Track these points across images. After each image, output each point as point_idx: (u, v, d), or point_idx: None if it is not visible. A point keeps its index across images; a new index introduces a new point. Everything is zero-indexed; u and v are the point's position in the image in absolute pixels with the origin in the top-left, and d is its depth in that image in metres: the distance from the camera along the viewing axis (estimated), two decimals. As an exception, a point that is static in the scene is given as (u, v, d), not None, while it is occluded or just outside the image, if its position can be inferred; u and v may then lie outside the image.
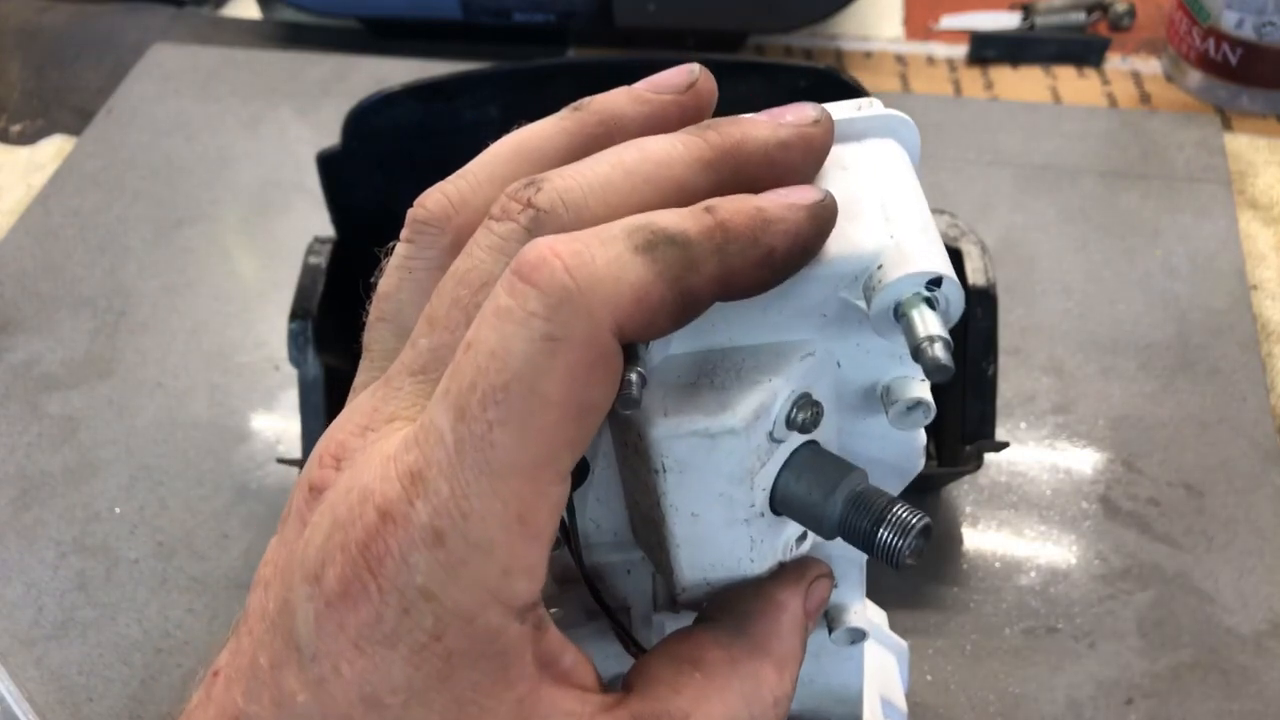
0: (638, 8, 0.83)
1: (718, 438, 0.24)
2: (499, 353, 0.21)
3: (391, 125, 0.58)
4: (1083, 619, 0.55)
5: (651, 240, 0.22)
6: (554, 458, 0.21)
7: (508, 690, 0.22)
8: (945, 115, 0.82)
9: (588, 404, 0.21)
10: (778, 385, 0.25)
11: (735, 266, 0.23)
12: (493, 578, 0.21)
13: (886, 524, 0.25)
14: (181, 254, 0.75)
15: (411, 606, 0.21)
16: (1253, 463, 0.60)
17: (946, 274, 0.23)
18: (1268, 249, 0.72)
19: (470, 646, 0.21)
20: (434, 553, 0.21)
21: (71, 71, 0.90)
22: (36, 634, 0.56)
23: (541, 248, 0.21)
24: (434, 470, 0.21)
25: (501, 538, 0.21)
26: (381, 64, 0.87)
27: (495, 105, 0.58)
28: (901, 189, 0.26)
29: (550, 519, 0.22)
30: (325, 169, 0.59)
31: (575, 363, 0.21)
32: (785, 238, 0.23)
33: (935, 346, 0.23)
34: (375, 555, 0.21)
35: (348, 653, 0.21)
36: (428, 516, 0.21)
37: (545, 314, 0.21)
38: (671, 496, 0.26)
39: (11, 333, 0.71)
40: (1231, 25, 0.78)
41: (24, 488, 0.63)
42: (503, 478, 0.21)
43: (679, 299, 0.22)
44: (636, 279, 0.21)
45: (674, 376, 0.25)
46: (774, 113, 0.25)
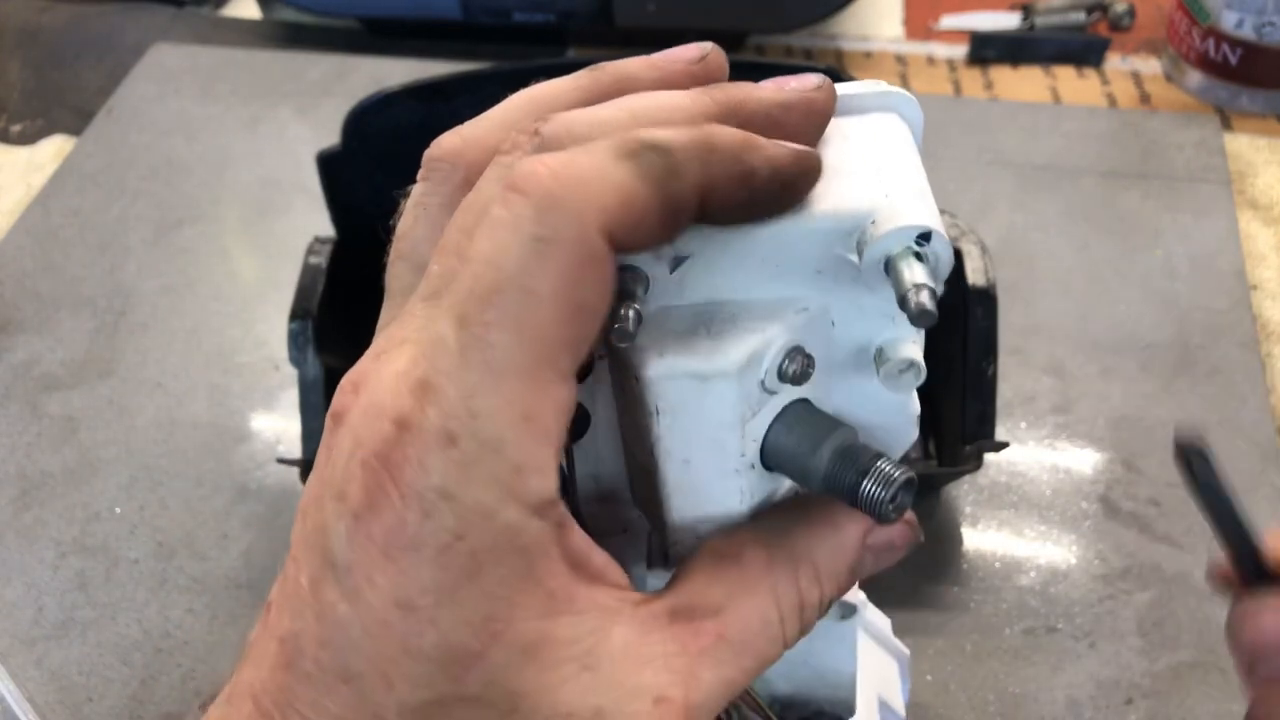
0: (638, 8, 0.83)
1: (710, 380, 0.25)
2: (493, 259, 0.22)
3: (391, 125, 0.58)
4: (1083, 619, 0.55)
5: (635, 148, 0.23)
6: (552, 357, 0.22)
7: (536, 586, 0.23)
8: (945, 115, 0.82)
9: (580, 303, 0.22)
10: (771, 335, 0.26)
11: (717, 178, 0.23)
12: (506, 474, 0.22)
13: (870, 476, 0.25)
14: (181, 254, 0.75)
15: (432, 509, 0.22)
16: (1253, 463, 0.60)
17: (936, 229, 0.24)
18: (1268, 249, 0.72)
19: (493, 543, 0.22)
20: (448, 454, 0.21)
21: (71, 71, 0.90)
22: (36, 634, 0.56)
23: (529, 161, 0.22)
24: (441, 377, 0.22)
25: (510, 435, 0.22)
26: (381, 64, 0.87)
27: (495, 105, 0.58)
28: (900, 156, 0.26)
29: (556, 419, 0.22)
30: (325, 169, 0.59)
31: (565, 262, 0.22)
32: (766, 163, 0.24)
33: (921, 294, 0.23)
34: (394, 464, 0.22)
35: (378, 561, 0.22)
36: (439, 420, 0.22)
37: (534, 217, 0.22)
38: (665, 441, 0.26)
39: (11, 333, 0.71)
40: (1231, 25, 0.78)
41: (24, 488, 0.63)
42: (504, 378, 0.22)
43: (664, 204, 0.23)
44: (621, 181, 0.22)
45: (672, 325, 0.26)
46: (778, 79, 0.26)
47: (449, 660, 0.22)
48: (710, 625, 0.25)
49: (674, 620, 0.25)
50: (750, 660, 0.25)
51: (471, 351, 0.22)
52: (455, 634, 0.22)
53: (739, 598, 0.26)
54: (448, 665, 0.22)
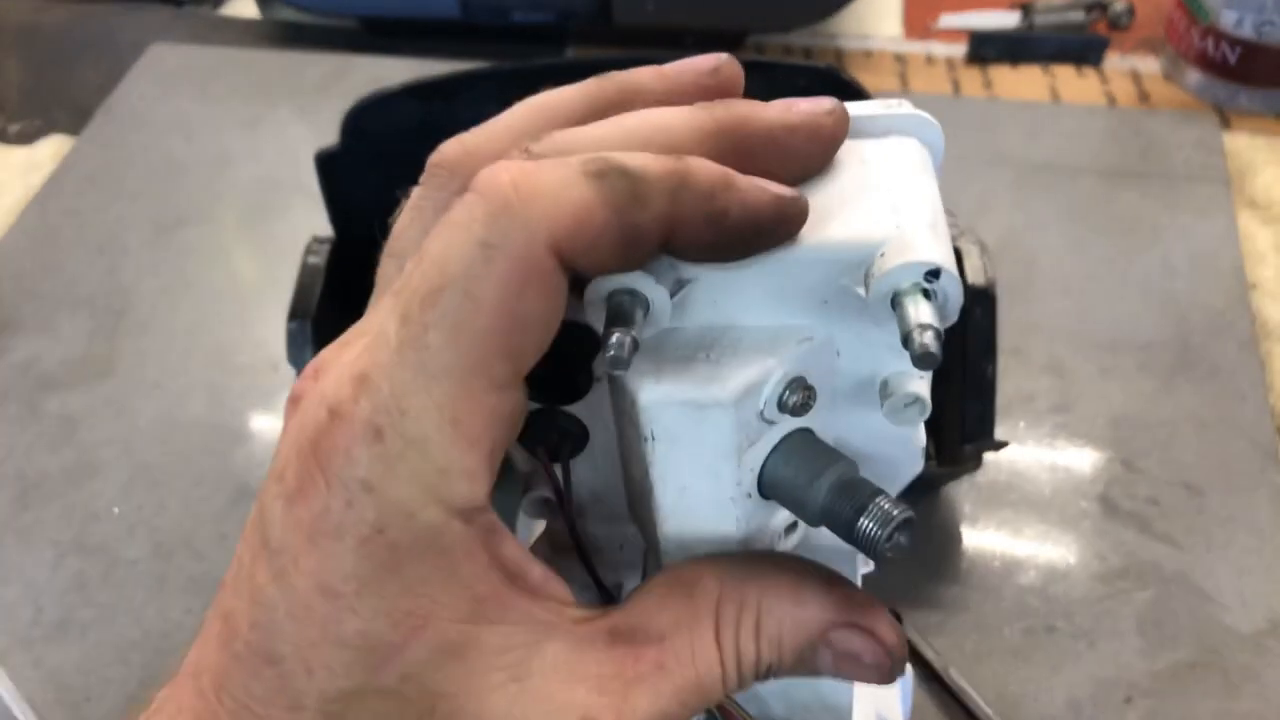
0: (637, 7, 0.83)
1: (706, 409, 0.25)
2: (439, 258, 0.22)
3: (390, 125, 0.58)
4: (1082, 618, 0.55)
5: (603, 169, 0.22)
6: (487, 364, 0.22)
7: (462, 589, 0.23)
8: (945, 115, 0.81)
9: (521, 315, 0.22)
10: (772, 365, 0.25)
11: (684, 215, 0.23)
12: (429, 474, 0.22)
13: (868, 513, 0.25)
14: (181, 254, 0.75)
15: (354, 499, 0.22)
16: (1252, 462, 0.60)
17: (946, 267, 0.23)
18: (1267, 248, 0.72)
19: (413, 540, 0.22)
20: (374, 448, 0.22)
21: (70, 71, 0.90)
22: (35, 634, 0.56)
23: (496, 166, 0.22)
24: (377, 371, 0.22)
25: (436, 436, 0.22)
26: (380, 64, 0.87)
27: (494, 105, 0.57)
28: (916, 184, 0.26)
29: (488, 427, 0.22)
30: (324, 169, 0.59)
31: (509, 271, 0.22)
32: (741, 208, 0.23)
33: (925, 334, 0.23)
34: (324, 451, 0.22)
35: (304, 545, 0.22)
36: (370, 413, 0.22)
37: (484, 221, 0.22)
38: (660, 467, 0.26)
39: (11, 333, 0.71)
40: (1230, 24, 0.78)
41: (23, 488, 0.63)
42: (436, 379, 0.22)
43: (622, 230, 0.22)
44: (579, 198, 0.22)
45: (672, 349, 0.25)
46: (789, 101, 0.26)
47: (367, 650, 0.22)
48: (651, 652, 0.24)
49: (614, 642, 0.24)
50: (690, 695, 0.24)
51: (408, 350, 0.22)
52: (374, 624, 0.22)
53: (683, 629, 0.25)
54: (366, 655, 0.22)
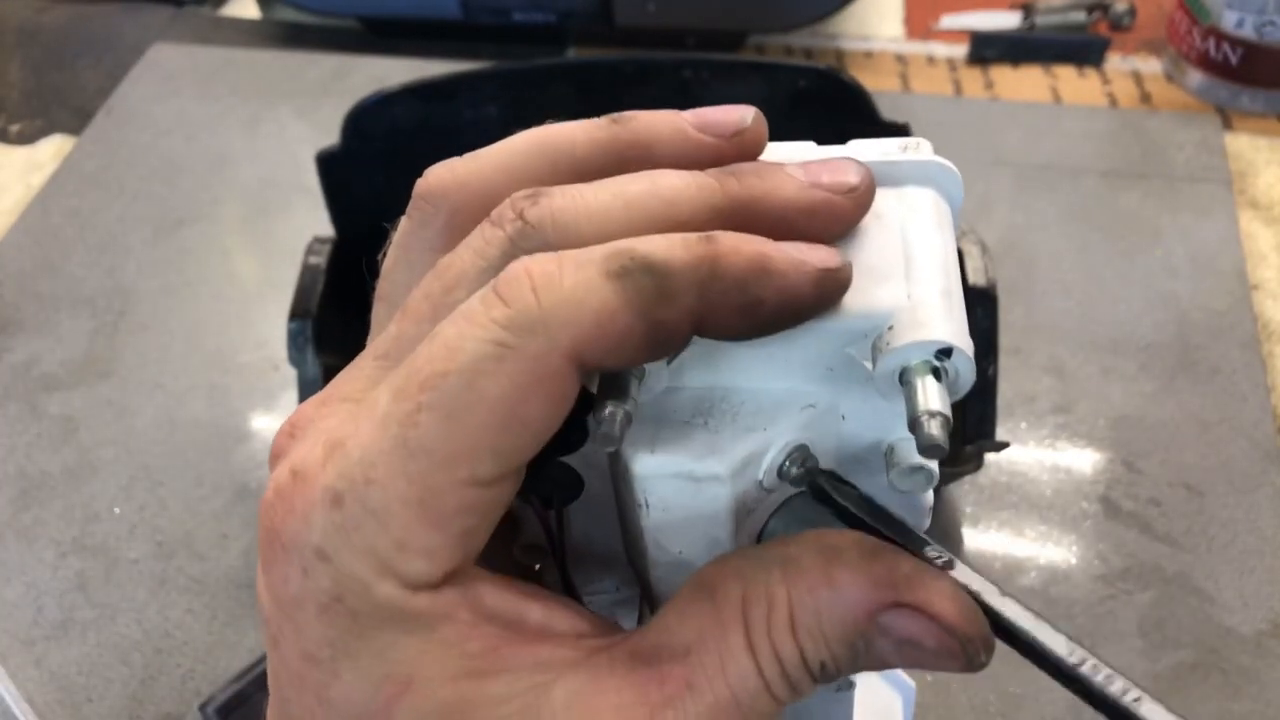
0: (638, 7, 0.83)
1: (702, 481, 0.24)
2: (451, 345, 0.21)
3: (391, 125, 0.58)
4: (1083, 619, 0.55)
5: (627, 267, 0.21)
6: (473, 456, 0.21)
7: (445, 648, 0.21)
8: (945, 115, 0.82)
9: (521, 417, 0.21)
10: (772, 435, 0.24)
11: (715, 306, 0.22)
12: (385, 548, 0.21)
13: None
14: (181, 254, 0.75)
15: (310, 567, 0.21)
16: (1253, 463, 0.60)
17: (958, 345, 0.22)
18: (1268, 248, 0.72)
19: (374, 609, 0.21)
20: (331, 514, 0.21)
21: (71, 71, 0.90)
22: (36, 634, 0.56)
23: (519, 266, 0.21)
24: (353, 439, 0.21)
25: (399, 511, 0.21)
26: (381, 64, 0.87)
27: (495, 105, 0.58)
28: (931, 246, 0.24)
29: (457, 514, 0.21)
30: (325, 169, 0.59)
31: (520, 372, 0.21)
32: (778, 294, 0.22)
33: (932, 423, 0.22)
34: (281, 515, 0.21)
35: (279, 615, 0.22)
36: (333, 478, 0.21)
37: (504, 323, 0.21)
38: (654, 533, 0.25)
39: (11, 333, 0.71)
40: (1232, 25, 0.78)
41: (24, 488, 0.63)
42: (414, 457, 0.21)
43: (649, 330, 0.21)
44: (600, 304, 0.21)
45: (670, 412, 0.24)
46: (812, 168, 0.24)
47: (355, 715, 0.21)
48: (678, 671, 0.22)
49: (635, 665, 0.22)
50: (727, 713, 0.22)
51: (393, 423, 0.21)
52: (356, 689, 0.21)
53: (709, 640, 0.22)
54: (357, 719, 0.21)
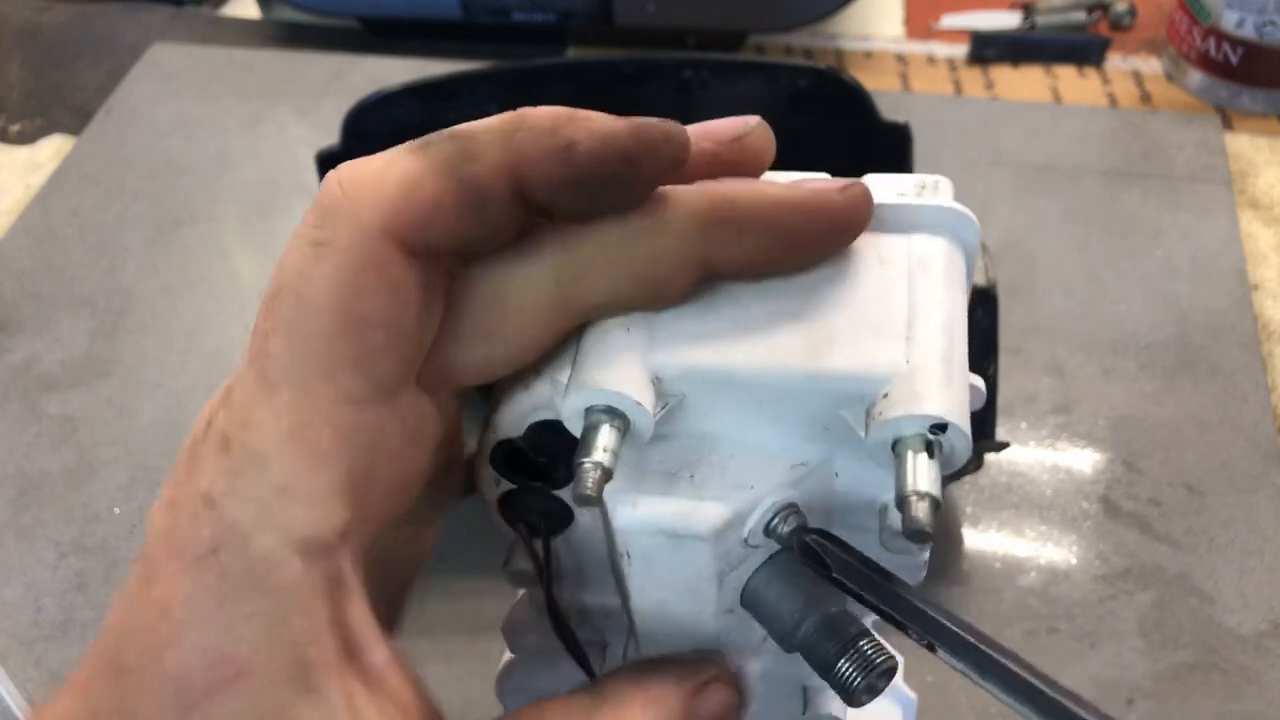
0: (637, 7, 0.83)
1: (683, 539, 0.23)
2: (279, 264, 0.21)
3: (391, 125, 0.58)
4: (1083, 619, 0.55)
5: (429, 140, 0.21)
6: (329, 371, 0.21)
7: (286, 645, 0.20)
8: (945, 115, 0.82)
9: (359, 313, 0.21)
10: (759, 494, 0.23)
11: (526, 155, 0.21)
12: (266, 493, 0.20)
13: (849, 656, 0.23)
14: (181, 254, 0.75)
15: (196, 513, 0.20)
16: (1253, 463, 0.60)
17: (954, 420, 0.22)
18: (1268, 249, 0.72)
19: (243, 570, 0.20)
20: (219, 459, 0.21)
21: (71, 71, 0.90)
22: (36, 634, 0.56)
23: (330, 171, 0.22)
24: (235, 380, 0.22)
25: (275, 451, 0.20)
26: (381, 64, 0.87)
27: (495, 105, 0.58)
28: (937, 305, 0.23)
29: (338, 445, 0.21)
30: (325, 169, 0.59)
31: (339, 266, 0.20)
32: (590, 135, 0.21)
33: (919, 506, 0.21)
34: (190, 460, 0.21)
35: (161, 556, 0.21)
36: (223, 424, 0.21)
37: (314, 223, 0.21)
38: (636, 581, 0.24)
39: (11, 333, 0.71)
40: (1232, 25, 0.78)
41: (23, 488, 0.63)
42: (275, 389, 0.21)
43: (460, 190, 0.21)
44: (403, 174, 0.21)
45: (655, 461, 0.23)
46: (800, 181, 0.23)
47: (182, 688, 0.20)
48: None
49: None
50: None
51: (254, 359, 0.21)
52: (191, 660, 0.20)
53: None
54: (178, 694, 0.20)
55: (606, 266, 0.22)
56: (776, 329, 0.23)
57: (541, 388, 0.23)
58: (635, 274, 0.22)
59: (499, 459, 0.25)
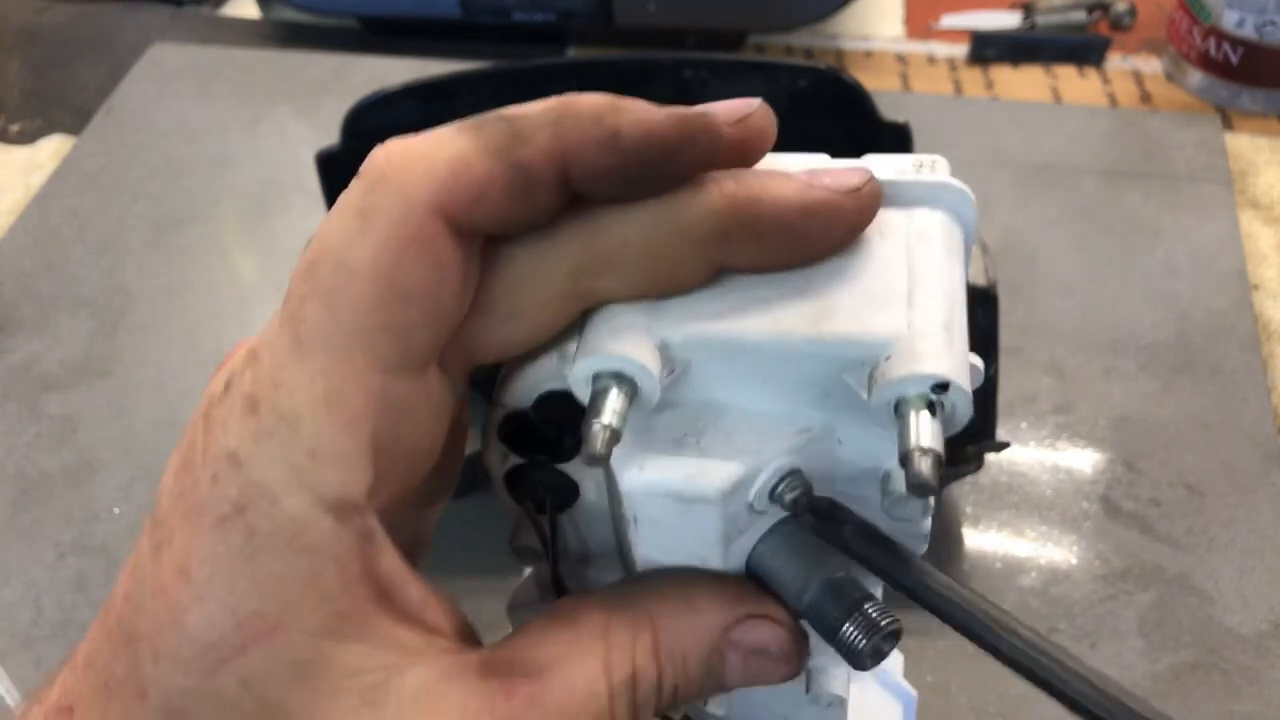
0: (638, 7, 0.83)
1: (690, 503, 0.23)
2: (321, 234, 0.21)
3: (391, 125, 0.58)
4: (1083, 619, 0.55)
5: (479, 121, 0.22)
6: (366, 339, 0.21)
7: (321, 600, 0.21)
8: (945, 115, 0.82)
9: (401, 286, 0.21)
10: (764, 459, 0.23)
11: (573, 141, 0.22)
12: (298, 455, 0.20)
13: (854, 620, 0.24)
14: (181, 254, 0.75)
15: (221, 473, 0.20)
16: (1254, 463, 0.60)
17: (955, 380, 0.22)
18: (1269, 249, 0.72)
19: (273, 530, 0.20)
20: (247, 420, 0.21)
21: (70, 71, 0.90)
22: (35, 635, 0.56)
23: (378, 146, 0.22)
24: (262, 343, 0.21)
25: (308, 414, 0.20)
26: (381, 64, 0.87)
27: (494, 104, 0.57)
28: (937, 273, 0.24)
29: (368, 410, 0.21)
30: (324, 168, 0.59)
31: (385, 237, 0.21)
32: (636, 125, 0.22)
33: (923, 460, 0.21)
34: (209, 421, 0.21)
35: (176, 519, 0.21)
36: (250, 385, 0.21)
37: (360, 193, 0.21)
38: (644, 547, 0.25)
39: (10, 333, 0.71)
40: (1232, 25, 0.78)
41: (23, 488, 0.63)
42: (310, 353, 0.21)
43: (508, 173, 0.21)
44: (454, 153, 0.21)
45: (662, 428, 0.24)
46: (816, 173, 0.24)
47: (207, 646, 0.20)
48: (524, 686, 0.22)
49: (485, 675, 0.22)
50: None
51: (287, 322, 0.21)
52: (218, 619, 0.20)
53: (565, 661, 0.23)
54: (205, 652, 0.20)
55: (626, 266, 0.23)
56: (780, 300, 0.23)
57: (549, 360, 0.24)
58: (653, 275, 0.23)
59: (507, 432, 0.25)
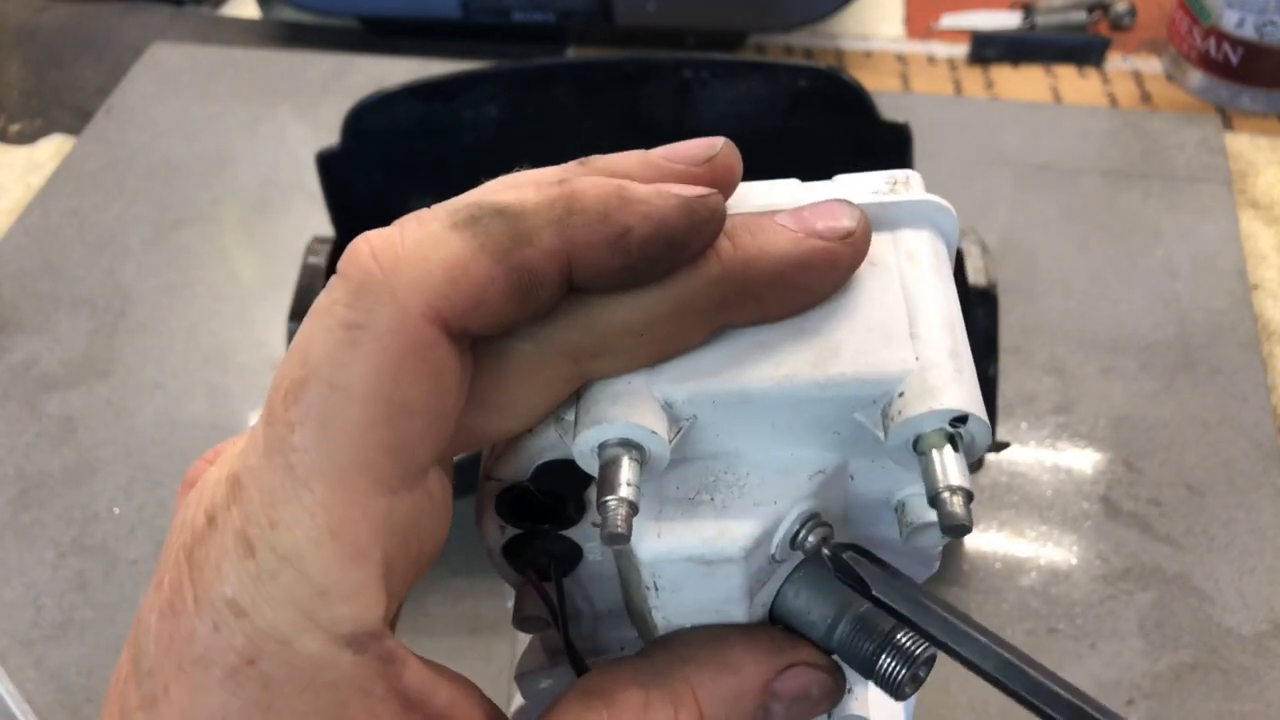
0: (637, 7, 0.83)
1: (713, 565, 0.22)
2: (302, 347, 0.20)
3: (391, 124, 0.58)
4: (1084, 619, 0.55)
5: (473, 214, 0.20)
6: (367, 463, 0.19)
7: None
8: (946, 115, 0.82)
9: (400, 402, 0.19)
10: (783, 509, 0.23)
11: (579, 241, 0.20)
12: (307, 597, 0.19)
13: (889, 651, 0.23)
14: (181, 254, 0.75)
15: (222, 622, 0.19)
16: (1253, 463, 0.60)
17: (973, 412, 0.21)
18: (1269, 248, 0.72)
19: (290, 675, 0.19)
20: (244, 563, 0.19)
21: (70, 71, 0.90)
22: (36, 634, 0.56)
23: (357, 239, 0.20)
24: (247, 475, 0.20)
25: (312, 552, 0.19)
26: (381, 63, 0.87)
27: (495, 104, 0.58)
28: (934, 299, 0.23)
29: (377, 537, 0.19)
30: (325, 168, 0.59)
31: (379, 352, 0.19)
32: (645, 221, 0.20)
33: (954, 501, 0.20)
34: (197, 562, 0.20)
35: (173, 670, 0.19)
36: (241, 523, 0.19)
37: (346, 301, 0.19)
38: (664, 611, 0.24)
39: (10, 333, 0.71)
40: (1232, 25, 0.78)
41: (23, 488, 0.63)
42: (306, 485, 0.19)
43: (510, 277, 0.20)
44: (449, 255, 0.19)
45: (673, 488, 0.23)
46: (804, 216, 0.23)
47: None
48: None
49: None
50: None
51: (275, 453, 0.19)
52: None
53: None
54: None
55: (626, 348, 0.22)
56: (780, 344, 0.23)
57: (547, 431, 0.23)
58: (653, 350, 0.22)
59: (504, 505, 0.24)
